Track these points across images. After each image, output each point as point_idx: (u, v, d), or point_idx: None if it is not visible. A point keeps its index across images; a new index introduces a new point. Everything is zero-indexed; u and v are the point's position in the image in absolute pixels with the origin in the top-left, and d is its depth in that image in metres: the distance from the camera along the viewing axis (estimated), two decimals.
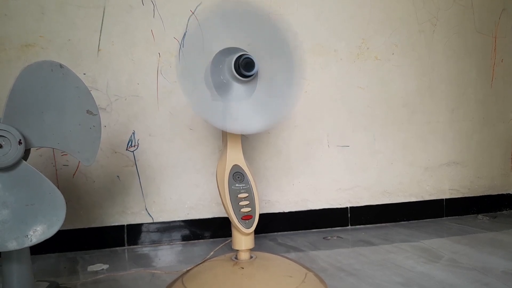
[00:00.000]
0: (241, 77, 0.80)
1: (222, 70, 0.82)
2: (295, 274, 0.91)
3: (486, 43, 1.73)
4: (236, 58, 0.79)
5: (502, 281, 0.95)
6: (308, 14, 1.52)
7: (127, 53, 1.36)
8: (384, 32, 1.60)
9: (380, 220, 1.60)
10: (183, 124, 1.41)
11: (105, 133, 1.33)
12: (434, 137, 1.67)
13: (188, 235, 1.41)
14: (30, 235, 0.73)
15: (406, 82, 1.63)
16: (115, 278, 1.05)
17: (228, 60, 0.81)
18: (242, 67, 0.77)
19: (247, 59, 0.77)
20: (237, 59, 0.79)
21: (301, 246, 1.32)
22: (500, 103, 1.76)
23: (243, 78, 0.80)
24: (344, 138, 1.56)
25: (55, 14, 1.30)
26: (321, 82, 1.54)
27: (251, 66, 0.78)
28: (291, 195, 1.52)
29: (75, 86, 0.79)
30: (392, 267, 1.08)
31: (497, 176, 1.76)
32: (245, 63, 0.77)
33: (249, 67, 0.78)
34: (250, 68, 0.78)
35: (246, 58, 0.77)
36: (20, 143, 0.72)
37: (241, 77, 0.80)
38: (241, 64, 0.77)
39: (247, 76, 0.80)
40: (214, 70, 0.81)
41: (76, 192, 1.32)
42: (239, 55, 0.79)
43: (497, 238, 1.35)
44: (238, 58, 0.79)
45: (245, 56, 0.78)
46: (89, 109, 0.80)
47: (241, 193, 0.91)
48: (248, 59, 0.77)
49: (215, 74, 0.81)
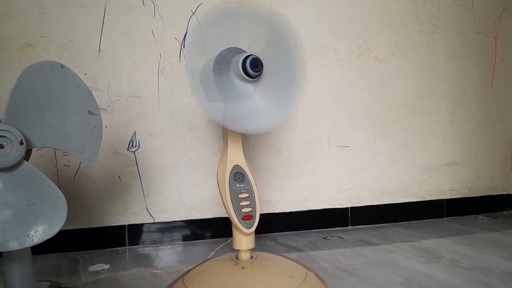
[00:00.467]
0: (248, 77, 0.81)
1: (225, 70, 0.82)
2: (296, 274, 0.91)
3: (487, 43, 1.73)
4: (243, 58, 0.79)
5: (503, 281, 0.95)
6: (308, 14, 1.52)
7: (128, 53, 1.37)
8: (384, 32, 1.60)
9: (381, 220, 1.60)
10: (183, 125, 1.41)
11: (106, 133, 1.33)
12: (434, 137, 1.67)
13: (189, 235, 1.42)
14: (31, 235, 0.73)
15: (407, 83, 1.63)
16: (116, 278, 1.05)
17: (234, 60, 0.82)
18: (250, 66, 0.79)
19: (255, 59, 0.79)
20: (244, 59, 0.79)
21: (301, 246, 1.32)
22: (501, 103, 1.76)
23: (250, 78, 0.81)
24: (345, 139, 1.56)
25: (56, 14, 1.30)
26: (322, 82, 1.54)
27: (258, 66, 0.80)
28: (291, 195, 1.52)
29: (76, 87, 0.79)
30: (393, 267, 1.08)
31: (497, 176, 1.76)
32: (253, 63, 0.79)
33: (256, 67, 0.79)
34: (258, 68, 0.80)
35: (254, 58, 0.79)
36: (21, 143, 0.73)
37: (248, 77, 0.81)
38: (250, 64, 0.79)
39: (254, 76, 0.81)
40: (217, 70, 0.81)
41: (77, 192, 1.32)
42: (247, 55, 0.80)
43: (497, 238, 1.35)
44: (246, 58, 0.79)
45: (253, 56, 0.79)
46: (90, 110, 0.81)
47: (242, 193, 0.91)
48: (255, 59, 0.79)
49: (218, 74, 0.82)
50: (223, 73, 0.82)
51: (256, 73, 0.80)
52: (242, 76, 0.81)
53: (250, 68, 0.79)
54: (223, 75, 0.82)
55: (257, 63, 0.79)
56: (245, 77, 0.81)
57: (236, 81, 0.83)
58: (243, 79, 0.82)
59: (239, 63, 0.80)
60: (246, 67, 0.79)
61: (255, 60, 0.79)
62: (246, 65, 0.79)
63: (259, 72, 0.81)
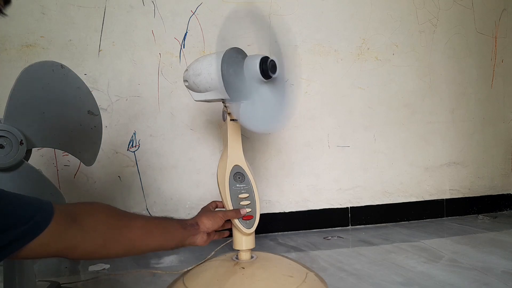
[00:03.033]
0: (266, 79, 0.84)
1: (236, 72, 0.83)
2: (296, 274, 0.91)
3: (487, 43, 1.73)
4: (261, 60, 0.82)
5: (503, 281, 0.95)
6: (308, 14, 1.52)
7: (128, 53, 1.37)
8: (384, 32, 1.60)
9: (381, 220, 1.60)
10: (183, 125, 1.41)
11: (106, 133, 1.33)
12: (434, 137, 1.67)
13: None
14: None
15: (407, 82, 1.63)
16: (116, 278, 1.05)
17: (249, 61, 0.84)
18: (270, 69, 0.82)
19: (272, 62, 0.83)
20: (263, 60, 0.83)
21: (301, 246, 1.32)
22: (501, 103, 1.76)
23: (267, 79, 0.84)
24: (345, 138, 1.56)
25: (56, 14, 1.30)
26: (322, 82, 1.54)
27: (275, 69, 0.84)
28: (291, 195, 1.52)
29: (76, 87, 0.79)
30: (393, 267, 1.08)
31: (497, 176, 1.76)
32: (272, 66, 0.83)
33: (274, 70, 0.84)
34: (274, 70, 0.84)
35: (272, 61, 0.83)
36: (21, 143, 0.73)
37: (266, 79, 0.84)
38: (269, 67, 0.82)
39: (271, 77, 0.84)
40: (227, 71, 0.82)
41: (77, 192, 1.32)
42: (263, 57, 0.83)
43: (497, 238, 1.35)
44: (264, 60, 0.83)
45: (271, 59, 0.83)
46: (90, 110, 0.81)
47: (242, 194, 0.91)
48: (272, 62, 0.83)
49: (227, 75, 0.82)
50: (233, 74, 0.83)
51: (274, 75, 0.84)
52: (259, 78, 0.83)
53: (270, 70, 0.83)
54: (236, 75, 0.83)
55: (275, 65, 0.84)
56: (262, 79, 0.84)
57: (250, 81, 0.84)
58: (258, 80, 0.84)
59: (257, 64, 0.82)
60: (265, 69, 0.82)
61: (273, 63, 0.83)
62: (267, 67, 0.82)
63: (276, 73, 0.84)
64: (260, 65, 0.83)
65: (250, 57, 0.85)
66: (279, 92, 0.87)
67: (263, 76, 0.83)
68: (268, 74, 0.83)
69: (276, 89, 0.87)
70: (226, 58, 0.83)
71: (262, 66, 0.83)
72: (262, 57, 0.83)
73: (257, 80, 0.85)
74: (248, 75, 0.85)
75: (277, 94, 0.87)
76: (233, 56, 0.84)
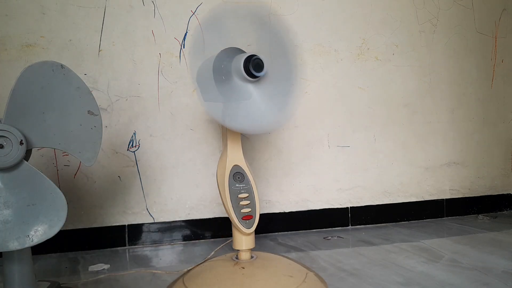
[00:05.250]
0: (250, 77, 0.81)
1: (225, 70, 0.82)
2: (296, 274, 0.91)
3: (487, 43, 1.73)
4: (246, 58, 0.80)
5: (503, 281, 0.95)
6: (308, 14, 1.52)
7: (128, 53, 1.37)
8: (384, 32, 1.60)
9: (381, 220, 1.60)
10: (183, 125, 1.41)
11: (106, 133, 1.33)
12: (434, 137, 1.67)
13: (189, 235, 1.42)
14: (31, 235, 0.73)
15: (407, 82, 1.63)
16: (116, 278, 1.05)
17: (235, 59, 0.82)
18: (253, 68, 0.79)
19: (258, 60, 0.80)
20: (247, 59, 0.80)
21: (301, 246, 1.32)
22: (501, 103, 1.76)
23: (252, 78, 0.81)
24: (345, 138, 1.57)
25: (56, 14, 1.30)
26: (322, 82, 1.54)
27: (260, 67, 0.80)
28: (291, 195, 1.52)
29: (76, 87, 0.79)
30: (393, 267, 1.08)
31: (497, 176, 1.76)
32: (257, 64, 0.79)
33: (258, 68, 0.80)
34: (260, 69, 0.80)
35: (256, 59, 0.79)
36: (21, 143, 0.73)
37: (250, 77, 0.81)
38: (252, 65, 0.79)
39: (256, 76, 0.81)
40: (217, 69, 0.81)
41: (77, 192, 1.32)
42: (249, 55, 0.80)
43: (497, 238, 1.35)
44: (249, 58, 0.80)
45: (256, 56, 0.80)
46: (90, 110, 0.81)
47: (242, 193, 0.91)
48: (258, 60, 0.80)
49: (218, 73, 0.82)
50: (222, 73, 0.82)
51: (259, 73, 0.81)
52: (244, 76, 0.81)
53: (253, 68, 0.79)
54: (223, 74, 0.82)
55: (260, 63, 0.80)
56: (247, 77, 0.81)
57: (237, 81, 0.83)
58: (244, 79, 0.82)
59: (241, 63, 0.80)
60: (249, 67, 0.80)
61: (258, 61, 0.80)
62: (249, 65, 0.79)
63: (262, 72, 0.81)
64: (244, 63, 0.80)
65: (239, 56, 0.83)
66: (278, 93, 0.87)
67: (247, 74, 0.80)
68: (251, 72, 0.79)
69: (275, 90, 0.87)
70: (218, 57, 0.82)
71: (245, 64, 0.80)
72: (249, 55, 0.80)
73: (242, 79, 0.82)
74: (235, 74, 0.83)
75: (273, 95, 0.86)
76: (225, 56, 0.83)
